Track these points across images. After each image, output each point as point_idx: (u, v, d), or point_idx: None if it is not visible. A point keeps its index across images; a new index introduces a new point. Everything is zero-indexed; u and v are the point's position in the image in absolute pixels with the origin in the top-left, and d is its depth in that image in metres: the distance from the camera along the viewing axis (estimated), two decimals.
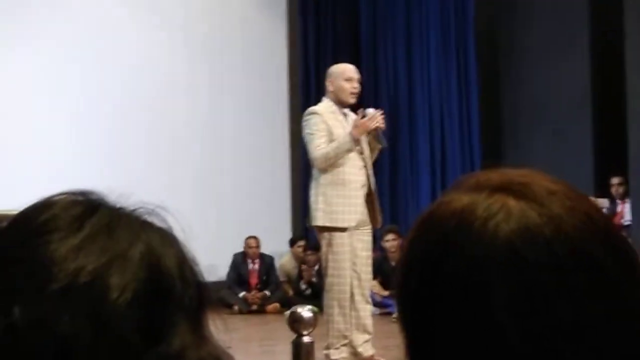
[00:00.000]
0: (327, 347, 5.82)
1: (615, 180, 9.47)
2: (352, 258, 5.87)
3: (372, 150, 6.04)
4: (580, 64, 10.16)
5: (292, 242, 11.44)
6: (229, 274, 10.81)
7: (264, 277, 10.85)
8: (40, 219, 0.84)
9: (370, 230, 6.05)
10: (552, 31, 10.48)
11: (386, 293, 9.83)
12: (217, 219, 11.10)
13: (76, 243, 0.81)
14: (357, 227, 5.89)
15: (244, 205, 11.40)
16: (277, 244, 11.49)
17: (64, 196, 0.88)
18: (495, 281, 0.76)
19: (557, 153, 10.29)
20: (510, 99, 11.14)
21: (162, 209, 0.91)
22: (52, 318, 0.78)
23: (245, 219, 11.25)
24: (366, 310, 5.95)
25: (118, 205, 0.88)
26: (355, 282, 5.90)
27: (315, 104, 11.65)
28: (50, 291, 0.79)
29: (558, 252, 0.77)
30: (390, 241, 10.23)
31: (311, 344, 2.46)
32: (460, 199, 0.81)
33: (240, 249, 10.92)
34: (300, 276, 10.88)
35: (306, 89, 12.07)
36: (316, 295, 10.50)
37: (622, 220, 9.23)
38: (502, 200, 0.79)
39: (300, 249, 11.23)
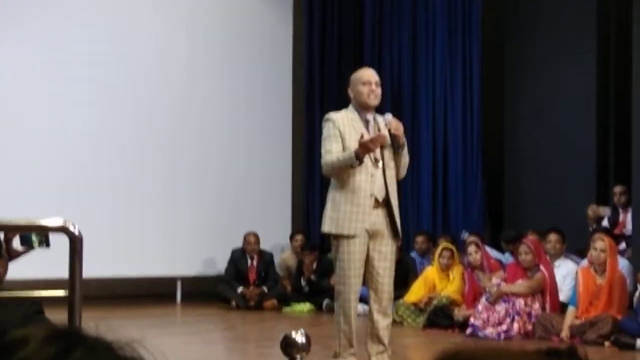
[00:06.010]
0: (335, 356, 5.79)
1: (617, 189, 9.40)
2: (364, 267, 5.72)
3: (395, 160, 5.81)
4: (585, 70, 10.11)
5: (291, 237, 11.45)
6: (227, 269, 10.80)
7: (263, 274, 10.83)
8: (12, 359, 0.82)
9: (389, 242, 5.82)
10: (558, 36, 10.42)
11: None
12: (216, 212, 11.11)
13: None
14: (374, 237, 5.74)
15: (244, 198, 11.41)
16: (279, 237, 11.51)
17: (41, 331, 0.85)
18: None
19: (560, 159, 10.24)
20: (513, 101, 11.08)
21: (138, 343, 0.89)
22: None
23: (245, 213, 11.26)
24: (382, 322, 5.83)
25: (94, 342, 0.85)
26: (372, 294, 5.81)
27: (319, 99, 11.79)
28: None
29: None
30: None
31: None
32: None
33: (240, 242, 10.86)
34: (300, 272, 10.86)
35: (310, 84, 12.05)
36: (314, 294, 10.51)
37: (623, 230, 9.17)
38: None
39: (297, 244, 11.22)
